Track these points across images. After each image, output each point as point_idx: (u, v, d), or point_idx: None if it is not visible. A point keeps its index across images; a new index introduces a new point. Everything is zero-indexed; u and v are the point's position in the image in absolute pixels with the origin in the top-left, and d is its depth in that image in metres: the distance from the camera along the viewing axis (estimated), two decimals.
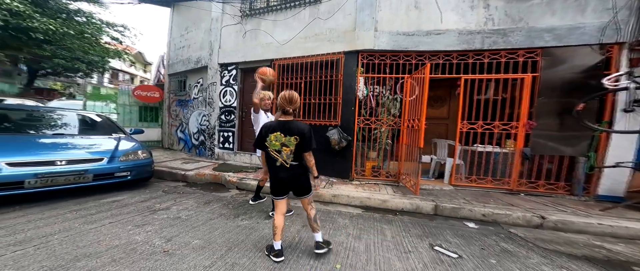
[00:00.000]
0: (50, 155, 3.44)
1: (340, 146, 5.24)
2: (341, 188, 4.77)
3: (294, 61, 6.08)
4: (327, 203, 4.27)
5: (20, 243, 2.26)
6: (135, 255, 2.16)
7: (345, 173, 5.38)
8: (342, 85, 5.53)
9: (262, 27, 6.57)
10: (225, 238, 2.58)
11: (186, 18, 8.30)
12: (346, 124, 5.42)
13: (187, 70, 8.02)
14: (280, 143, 2.17)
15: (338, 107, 5.56)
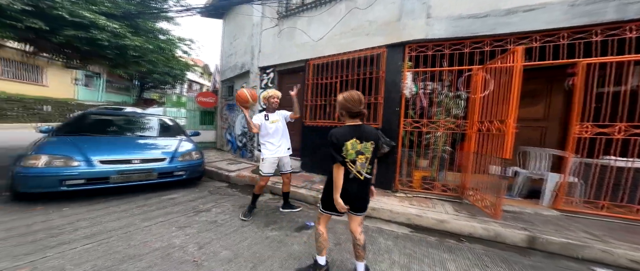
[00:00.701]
0: (130, 154, 3.39)
1: (382, 151, 3.66)
2: (382, 200, 3.30)
3: (328, 60, 4.63)
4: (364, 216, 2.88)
5: (92, 237, 2.17)
6: (169, 261, 1.89)
7: (386, 183, 3.80)
8: (383, 83, 3.90)
9: (297, 26, 5.24)
10: (253, 251, 2.13)
11: (234, 26, 7.46)
12: (388, 127, 3.81)
13: (234, 75, 7.20)
14: (355, 151, 1.55)
15: (379, 108, 3.95)
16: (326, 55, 4.68)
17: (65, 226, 2.33)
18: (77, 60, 5.67)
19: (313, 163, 4.79)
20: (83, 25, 4.05)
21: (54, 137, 3.49)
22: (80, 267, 1.70)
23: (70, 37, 4.01)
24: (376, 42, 4.01)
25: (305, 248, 2.18)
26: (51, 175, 2.77)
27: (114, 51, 4.61)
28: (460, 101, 3.51)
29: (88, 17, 4.03)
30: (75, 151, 3.05)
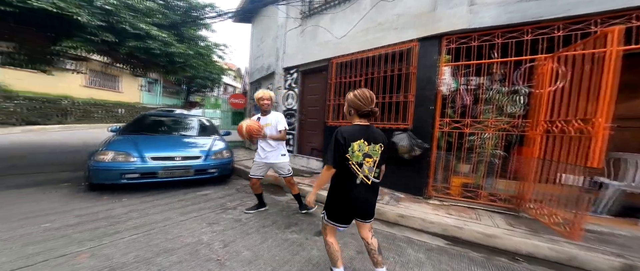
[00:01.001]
0: (173, 152, 3.40)
1: (411, 154, 3.04)
2: (412, 207, 2.74)
3: (352, 58, 4.05)
4: (390, 224, 2.57)
5: (139, 228, 2.20)
6: (196, 258, 1.80)
7: (417, 189, 3.15)
8: (415, 79, 3.22)
9: (320, 24, 4.73)
10: (272, 253, 1.92)
11: (260, 29, 7.24)
12: (420, 128, 3.14)
13: (261, 77, 6.98)
14: (362, 153, 1.28)
15: (409, 106, 3.29)
16: (350, 53, 4.11)
17: (121, 216, 2.42)
18: (139, 68, 5.96)
19: None
20: (141, 36, 4.21)
21: (120, 135, 3.71)
22: (126, 257, 1.74)
23: (132, 47, 4.18)
24: (406, 37, 3.34)
25: (324, 254, 1.89)
26: (114, 169, 2.93)
27: (164, 58, 4.75)
28: (518, 97, 2.66)
29: (144, 29, 4.17)
30: (133, 148, 3.18)
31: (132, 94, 16.36)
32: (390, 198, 3.09)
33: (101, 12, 3.72)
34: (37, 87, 10.48)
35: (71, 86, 12.01)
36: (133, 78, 15.81)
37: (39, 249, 1.76)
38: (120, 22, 3.97)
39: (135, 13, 4.26)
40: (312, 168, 4.70)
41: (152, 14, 4.62)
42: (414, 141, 3.05)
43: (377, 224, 2.52)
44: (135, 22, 4.14)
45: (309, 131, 5.14)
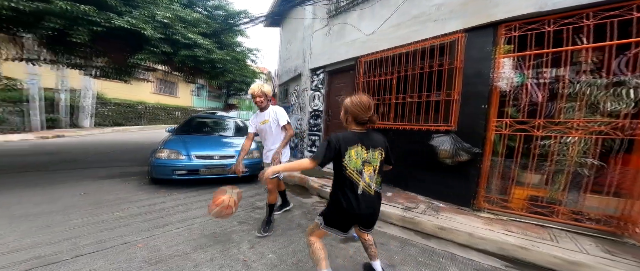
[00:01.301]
0: (212, 151, 3.40)
1: (455, 159, 2.43)
2: (457, 219, 2.19)
3: (382, 55, 3.49)
4: (427, 235, 2.11)
5: (183, 221, 2.22)
6: (225, 257, 1.71)
7: (462, 199, 2.52)
8: (460, 75, 2.56)
9: (348, 22, 4.23)
10: (297, 258, 1.75)
11: (288, 32, 7.00)
12: (468, 130, 2.49)
13: (289, 79, 6.76)
14: (361, 160, 1.14)
15: (452, 105, 2.64)
16: (380, 50, 3.55)
17: (170, 209, 2.47)
18: (189, 75, 6.32)
19: None
20: (190, 45, 4.35)
21: (174, 135, 3.85)
22: (170, 249, 1.75)
23: (183, 56, 4.34)
24: (449, 28, 2.69)
25: (349, 263, 1.73)
26: (168, 165, 3.03)
27: (207, 64, 4.87)
28: (624, 90, 1.81)
29: (192, 38, 4.30)
30: (182, 147, 3.24)
31: (186, 99, 17.98)
32: (427, 207, 2.53)
33: (160, 25, 3.89)
34: (120, 94, 12.11)
35: (143, 93, 13.64)
36: (186, 84, 17.33)
37: (110, 235, 1.89)
38: (175, 34, 4.11)
39: (185, 24, 4.36)
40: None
41: (198, 24, 4.68)
42: (459, 144, 2.41)
43: (410, 235, 2.16)
44: (185, 32, 4.24)
45: (335, 132, 4.71)
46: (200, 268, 1.54)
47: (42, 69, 7.20)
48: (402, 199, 2.75)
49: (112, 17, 3.27)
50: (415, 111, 3.06)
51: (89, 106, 10.25)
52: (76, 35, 3.13)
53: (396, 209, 2.41)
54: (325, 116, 4.95)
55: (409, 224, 2.23)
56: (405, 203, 2.62)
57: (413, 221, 2.20)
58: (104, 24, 3.24)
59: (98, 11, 3.16)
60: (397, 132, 3.23)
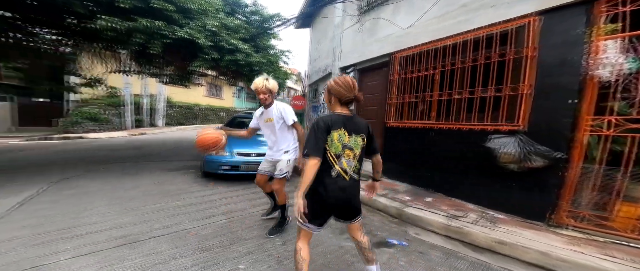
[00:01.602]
0: (250, 149, 3.40)
1: (523, 165, 1.90)
2: (523, 233, 1.71)
3: (422, 49, 2.97)
4: (480, 249, 1.70)
5: (225, 213, 2.25)
6: (261, 251, 1.66)
7: (532, 211, 1.96)
8: (533, 65, 1.95)
9: (381, 16, 3.73)
10: (327, 259, 1.59)
11: (318, 32, 6.70)
12: (544, 130, 1.90)
13: (318, 78, 6.55)
14: (342, 144, 1.02)
15: (520, 101, 2.05)
16: (418, 44, 3.03)
17: (216, 201, 2.55)
18: (231, 78, 6.68)
19: (396, 169, 3.36)
20: (232, 50, 4.51)
21: None
22: (215, 239, 1.78)
23: (227, 61, 4.54)
24: (514, 13, 2.08)
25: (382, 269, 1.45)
26: (216, 161, 3.12)
27: (246, 67, 4.98)
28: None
29: (234, 44, 4.44)
30: (227, 145, 3.47)
31: (229, 100, 19.43)
32: (480, 217, 2.06)
33: (210, 33, 4.08)
34: (181, 98, 13.71)
35: (198, 96, 15.19)
36: (229, 87, 18.67)
37: (173, 221, 2.03)
38: (221, 41, 4.28)
39: (228, 31, 4.50)
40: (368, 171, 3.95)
41: (238, 30, 4.81)
42: (530, 147, 1.86)
43: (456, 246, 1.79)
44: (229, 39, 4.39)
45: None
46: (239, 260, 1.53)
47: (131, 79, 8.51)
48: (446, 206, 2.32)
49: (176, 30, 3.53)
50: (464, 109, 2.51)
51: (162, 108, 11.87)
52: (152, 47, 3.47)
53: (438, 216, 2.03)
54: None
55: (455, 235, 1.84)
56: (449, 211, 2.19)
57: (461, 231, 1.81)
58: (171, 36, 3.52)
59: (167, 25, 3.44)
60: (440, 132, 2.74)
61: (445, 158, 2.68)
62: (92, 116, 9.03)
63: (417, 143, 3.04)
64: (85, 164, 4.10)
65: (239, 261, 1.51)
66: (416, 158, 3.05)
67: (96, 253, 1.52)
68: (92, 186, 2.88)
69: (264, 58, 5.54)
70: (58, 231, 1.78)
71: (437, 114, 2.80)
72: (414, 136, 3.08)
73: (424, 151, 2.95)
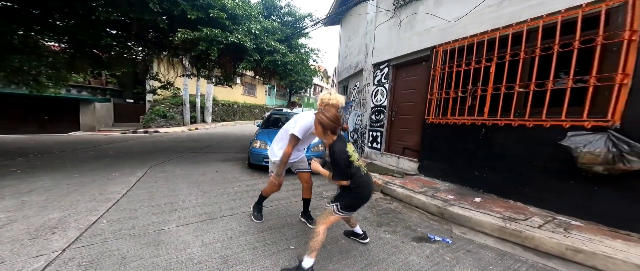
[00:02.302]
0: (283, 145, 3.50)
1: (613, 168, 1.53)
2: (608, 243, 1.40)
3: (472, 41, 2.65)
4: (547, 256, 1.47)
5: (272, 202, 2.32)
6: (305, 236, 1.68)
7: (620, 219, 1.61)
8: (634, 50, 1.49)
9: (419, 13, 3.46)
10: (368, 248, 1.59)
11: (349, 29, 6.48)
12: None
13: (349, 76, 6.45)
14: (355, 152, 1.32)
15: (614, 93, 1.66)
16: (467, 36, 2.71)
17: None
18: (266, 77, 7.08)
19: (437, 168, 3.14)
20: (271, 51, 4.74)
21: (261, 129, 4.27)
22: (268, 224, 1.91)
23: (267, 62, 4.80)
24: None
25: (426, 263, 1.45)
26: (260, 153, 3.31)
27: (282, 67, 5.18)
28: None
29: (273, 45, 4.67)
30: (268, 139, 3.45)
31: (261, 98, 20.63)
32: (546, 221, 1.78)
33: (253, 37, 4.36)
34: (224, 97, 15.15)
35: (236, 95, 16.56)
36: (261, 86, 19.81)
37: (236, 204, 2.28)
38: (262, 43, 4.53)
39: (267, 33, 4.73)
40: (403, 168, 3.79)
41: (275, 32, 4.99)
42: (626, 146, 1.51)
43: (515, 249, 1.61)
44: (268, 41, 4.61)
45: (401, 128, 4.15)
46: (290, 242, 1.64)
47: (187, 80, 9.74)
48: (500, 208, 2.06)
49: (228, 36, 3.88)
50: (531, 103, 2.16)
51: (210, 106, 13.35)
52: (212, 53, 3.89)
53: (490, 217, 1.81)
54: (389, 112, 4.41)
55: (512, 238, 1.62)
56: (504, 213, 1.95)
57: (520, 234, 1.58)
58: (224, 41, 3.88)
59: (222, 32, 3.82)
60: (495, 129, 2.43)
61: (501, 156, 2.38)
62: (163, 113, 10.74)
63: (463, 140, 2.77)
64: (166, 154, 4.88)
65: (289, 242, 1.62)
66: (462, 156, 2.79)
67: (191, 224, 1.81)
68: (176, 171, 3.37)
69: (298, 57, 5.68)
70: (163, 205, 2.17)
71: (490, 109, 2.49)
72: (460, 133, 2.81)
73: (472, 149, 2.67)
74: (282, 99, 24.49)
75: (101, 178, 3.02)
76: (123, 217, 1.92)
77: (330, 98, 1.43)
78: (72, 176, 3.07)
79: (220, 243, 1.60)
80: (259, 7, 4.88)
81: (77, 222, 1.86)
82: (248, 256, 1.45)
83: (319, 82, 27.63)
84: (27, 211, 2.04)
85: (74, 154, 4.79)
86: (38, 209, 2.08)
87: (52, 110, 10.26)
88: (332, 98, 1.43)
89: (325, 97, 1.44)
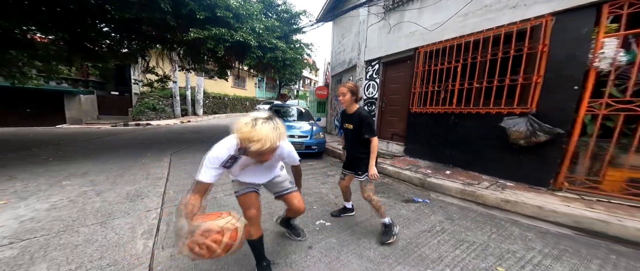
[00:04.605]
0: (291, 131, 3.91)
1: (530, 141, 2.31)
2: (526, 195, 2.16)
3: (446, 44, 3.31)
4: (489, 206, 2.17)
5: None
6: (322, 201, 2.16)
7: (537, 179, 2.40)
8: (545, 58, 2.30)
9: (405, 18, 4.06)
10: (369, 206, 1.85)
11: (342, 27, 6.99)
12: (550, 112, 2.30)
13: (342, 71, 6.97)
14: None
15: (533, 89, 2.44)
16: (443, 40, 3.36)
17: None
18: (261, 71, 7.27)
19: (419, 149, 3.90)
20: (272, 48, 5.02)
21: None
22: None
23: (269, 58, 5.07)
24: (531, 14, 2.39)
25: (411, 214, 2.00)
26: None
27: (280, 62, 5.47)
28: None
29: (273, 42, 4.94)
30: None
31: (251, 90, 20.43)
32: (492, 184, 2.53)
33: (256, 35, 4.64)
34: (214, 89, 14.87)
35: (226, 87, 16.31)
36: (251, 78, 19.61)
37: None
38: (264, 40, 4.82)
39: (268, 32, 5.01)
40: (392, 151, 4.53)
41: (275, 29, 5.28)
42: (538, 126, 2.27)
43: (470, 205, 2.21)
44: (270, 39, 4.91)
45: (390, 117, 4.86)
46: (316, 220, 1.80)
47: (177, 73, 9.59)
48: (463, 177, 2.77)
49: (233, 34, 4.17)
50: (483, 96, 2.92)
51: (201, 99, 13.17)
52: (219, 50, 4.18)
53: (455, 184, 2.44)
54: (379, 103, 5.08)
55: (469, 197, 2.23)
56: (465, 180, 2.56)
57: (474, 194, 2.20)
58: (230, 40, 4.16)
59: (228, 31, 4.09)
60: (460, 116, 3.19)
61: (463, 137, 3.15)
62: (152, 106, 10.52)
63: (438, 126, 3.52)
64: (176, 144, 4.88)
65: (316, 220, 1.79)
66: (437, 138, 3.55)
67: (232, 195, 2.08)
68: (197, 157, 3.65)
69: (296, 53, 6.05)
70: None
71: (457, 100, 3.24)
72: (436, 120, 3.56)
73: (444, 133, 3.42)
74: (271, 92, 24.36)
75: (135, 163, 3.28)
76: (181, 190, 2.31)
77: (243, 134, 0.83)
78: (106, 162, 3.28)
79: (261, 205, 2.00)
80: (260, 6, 5.16)
81: (151, 192, 2.26)
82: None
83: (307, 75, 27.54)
84: (101, 187, 2.39)
85: (82, 145, 4.87)
86: (110, 185, 2.44)
87: (35, 103, 9.65)
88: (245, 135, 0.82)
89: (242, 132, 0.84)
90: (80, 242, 1.44)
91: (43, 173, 2.72)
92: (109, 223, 1.68)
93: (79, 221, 1.69)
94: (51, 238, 1.46)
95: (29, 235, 1.49)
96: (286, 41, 5.91)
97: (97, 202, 2.01)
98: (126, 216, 1.78)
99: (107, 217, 1.76)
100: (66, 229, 1.58)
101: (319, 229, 1.70)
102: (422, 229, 1.71)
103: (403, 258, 1.37)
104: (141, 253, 1.36)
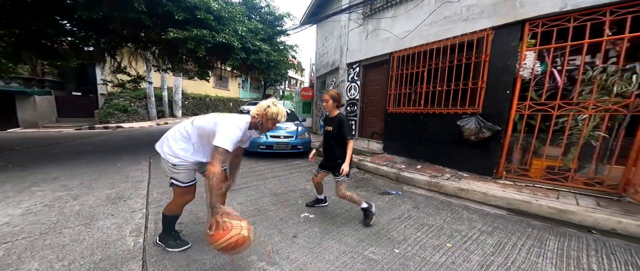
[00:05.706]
0: (279, 132, 4.13)
1: (479, 136, 2.80)
2: (476, 184, 2.61)
3: (415, 50, 3.77)
4: (449, 195, 2.57)
5: (275, 178, 3.03)
6: (307, 196, 2.40)
7: (485, 169, 2.90)
8: (487, 67, 2.82)
9: (381, 25, 4.50)
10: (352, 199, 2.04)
11: (325, 30, 7.33)
12: (492, 112, 2.82)
13: (326, 72, 7.29)
14: None
15: (478, 93, 2.94)
16: (412, 46, 3.82)
17: (263, 171, 3.32)
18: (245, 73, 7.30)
19: (395, 146, 4.35)
20: (256, 50, 5.15)
21: None
22: (280, 188, 2.59)
23: (253, 60, 5.21)
24: (478, 26, 2.88)
25: (385, 204, 2.27)
26: (255, 142, 3.78)
27: (266, 64, 5.62)
28: (633, 75, 1.99)
29: (257, 45, 5.08)
30: None
31: (234, 91, 19.95)
32: (452, 176, 2.99)
33: (240, 37, 4.74)
34: (193, 90, 14.30)
35: (207, 88, 15.76)
36: (234, 79, 19.17)
37: (247, 179, 2.89)
38: (247, 42, 4.94)
39: (252, 34, 5.14)
40: (372, 149, 4.94)
41: (259, 32, 5.42)
42: (483, 124, 2.78)
43: (434, 195, 2.59)
44: (253, 41, 5.05)
45: (370, 117, 5.28)
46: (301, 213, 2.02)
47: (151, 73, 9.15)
48: (430, 170, 3.21)
49: (215, 36, 4.24)
50: (444, 98, 3.42)
51: (179, 100, 12.62)
52: (199, 51, 4.20)
53: (424, 176, 2.84)
54: (360, 104, 5.48)
55: (434, 188, 2.66)
56: (432, 173, 2.99)
57: (437, 184, 2.64)
58: (212, 41, 4.22)
59: (209, 32, 4.14)
60: (427, 115, 3.66)
61: (430, 135, 3.63)
62: (123, 107, 9.85)
63: (410, 125, 3.98)
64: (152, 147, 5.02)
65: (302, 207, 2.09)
66: (410, 136, 4.01)
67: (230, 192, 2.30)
68: None
69: (280, 56, 6.22)
70: None
71: (424, 102, 3.72)
72: (408, 120, 4.02)
73: (415, 131, 3.88)
74: (256, 92, 23.96)
75: (111, 167, 3.26)
76: (164, 191, 2.36)
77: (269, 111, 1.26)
78: (78, 166, 3.20)
79: (250, 203, 2.21)
80: (243, 9, 5.26)
81: (133, 195, 2.27)
82: (272, 209, 2.09)
83: (293, 75, 27.58)
84: (77, 191, 2.34)
85: (45, 150, 4.53)
86: (86, 189, 2.39)
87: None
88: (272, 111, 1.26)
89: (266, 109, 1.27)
90: (68, 242, 1.47)
91: (6, 180, 2.63)
92: (94, 224, 1.71)
93: (60, 223, 1.70)
94: (35, 240, 1.49)
95: (10, 238, 1.50)
96: (270, 43, 6.08)
97: (75, 205, 2.02)
98: (110, 218, 1.81)
99: (90, 219, 1.79)
100: (48, 231, 1.60)
101: (304, 221, 1.89)
102: (392, 217, 1.98)
103: (375, 241, 1.60)
104: (133, 248, 1.43)
